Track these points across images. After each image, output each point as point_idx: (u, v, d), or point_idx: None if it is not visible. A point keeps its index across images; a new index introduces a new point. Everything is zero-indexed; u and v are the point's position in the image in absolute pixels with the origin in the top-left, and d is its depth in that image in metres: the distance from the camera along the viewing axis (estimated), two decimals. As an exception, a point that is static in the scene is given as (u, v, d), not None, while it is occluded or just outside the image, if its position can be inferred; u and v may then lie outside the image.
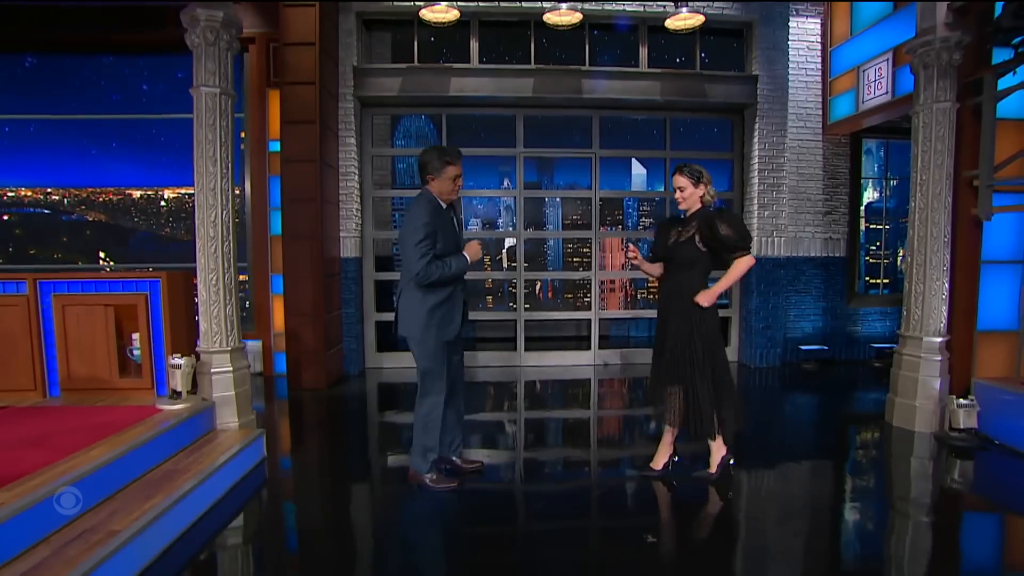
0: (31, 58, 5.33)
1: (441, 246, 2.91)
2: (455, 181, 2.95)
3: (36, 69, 5.35)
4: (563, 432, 4.46)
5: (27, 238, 5.52)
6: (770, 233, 5.99)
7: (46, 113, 5.37)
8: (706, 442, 3.21)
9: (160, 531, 2.45)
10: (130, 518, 2.36)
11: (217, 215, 3.53)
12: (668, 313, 3.07)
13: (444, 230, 2.94)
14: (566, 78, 5.79)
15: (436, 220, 2.90)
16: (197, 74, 3.44)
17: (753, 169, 6.00)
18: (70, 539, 2.17)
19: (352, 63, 5.61)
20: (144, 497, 2.56)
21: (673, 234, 3.05)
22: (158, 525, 2.44)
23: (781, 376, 5.84)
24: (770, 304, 6.00)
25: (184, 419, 3.25)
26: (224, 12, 3.41)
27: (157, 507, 2.48)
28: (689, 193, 2.98)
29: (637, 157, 7.55)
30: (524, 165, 6.31)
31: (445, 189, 2.94)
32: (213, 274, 3.54)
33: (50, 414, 3.16)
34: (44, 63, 5.39)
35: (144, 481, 2.74)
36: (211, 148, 3.49)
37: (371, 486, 3.44)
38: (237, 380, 3.63)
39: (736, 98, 5.93)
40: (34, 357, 3.45)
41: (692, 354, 2.98)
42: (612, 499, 3.17)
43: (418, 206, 2.90)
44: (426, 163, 2.96)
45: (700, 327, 2.97)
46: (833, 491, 3.38)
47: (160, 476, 2.82)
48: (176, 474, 2.86)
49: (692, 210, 3.01)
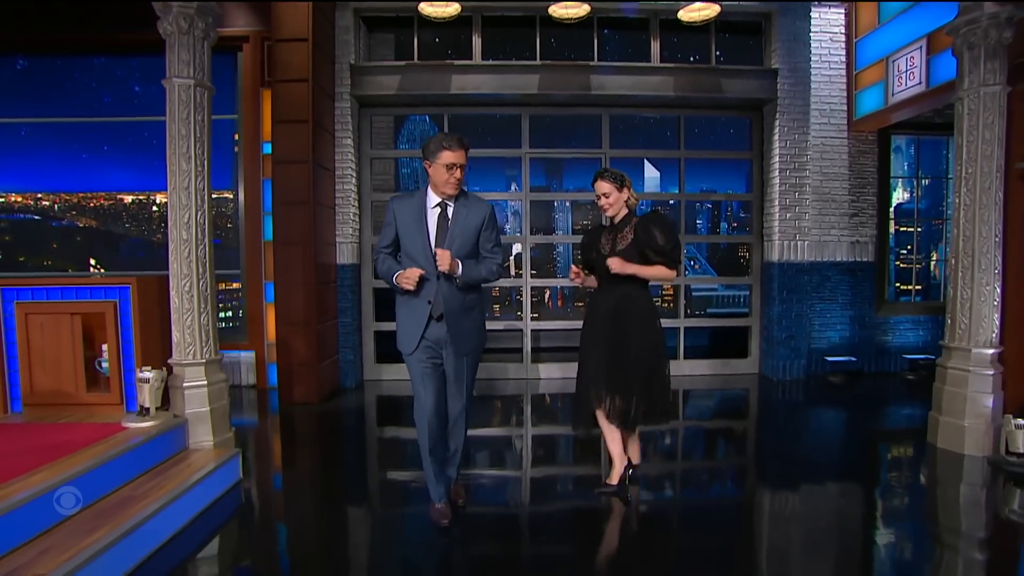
0: (22, 60, 5.18)
1: (406, 244, 2.61)
2: (450, 171, 2.52)
3: (27, 71, 5.20)
4: (573, 449, 4.08)
5: (17, 245, 5.33)
6: (792, 237, 5.57)
7: (37, 116, 5.20)
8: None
9: (99, 570, 2.14)
10: (61, 558, 2.05)
11: (191, 216, 3.26)
12: (624, 324, 2.88)
13: (410, 228, 2.58)
14: (573, 74, 5.47)
15: (401, 214, 2.61)
16: (170, 65, 3.19)
17: (773, 169, 5.60)
18: (-16, 585, 1.87)
19: (349, 61, 5.36)
20: (87, 531, 2.26)
21: (606, 242, 2.95)
22: (98, 563, 2.13)
23: (806, 389, 5.41)
24: (793, 312, 5.57)
25: (150, 438, 2.97)
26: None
27: (99, 543, 2.17)
28: (615, 198, 2.88)
29: (649, 158, 7.18)
30: (532, 167, 5.99)
31: (440, 179, 2.54)
32: (186, 280, 3.26)
33: (4, 432, 2.88)
34: (35, 65, 5.23)
35: (94, 511, 2.44)
36: (184, 144, 3.23)
37: (359, 510, 3.12)
38: (212, 395, 3.33)
39: (754, 93, 5.55)
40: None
41: (660, 360, 2.94)
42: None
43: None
44: (424, 148, 2.60)
45: (660, 335, 2.96)
46: (868, 519, 2.98)
47: (114, 504, 2.53)
48: (132, 501, 2.56)
49: (620, 216, 2.93)
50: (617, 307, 2.89)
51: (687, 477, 3.65)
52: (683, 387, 5.65)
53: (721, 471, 3.78)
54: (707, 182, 7.58)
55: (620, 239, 2.88)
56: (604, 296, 2.96)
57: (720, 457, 4.05)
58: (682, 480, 3.59)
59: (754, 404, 5.34)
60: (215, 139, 5.40)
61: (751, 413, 5.11)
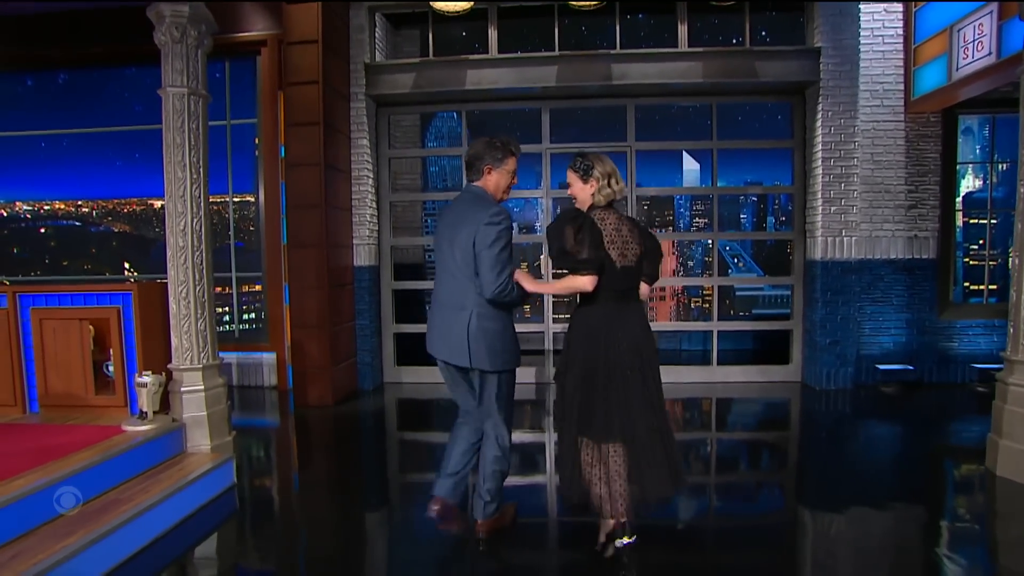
0: (64, 74, 5.58)
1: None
2: (512, 177, 2.58)
3: (68, 85, 5.62)
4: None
5: (61, 249, 5.77)
6: (837, 232, 5.15)
7: (77, 127, 5.60)
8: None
9: (72, 573, 2.24)
10: (32, 560, 2.16)
11: (187, 223, 3.38)
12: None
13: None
14: (593, 64, 5.29)
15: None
16: (165, 74, 3.32)
17: (816, 158, 5.19)
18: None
19: (364, 60, 5.41)
20: (65, 533, 2.38)
21: None
22: (71, 565, 2.23)
23: (854, 400, 5.00)
24: (839, 316, 5.16)
25: (146, 440, 3.11)
26: (190, 7, 3.25)
27: (71, 546, 2.28)
28: (578, 190, 2.48)
29: (679, 149, 6.85)
30: (556, 163, 5.85)
31: (504, 184, 2.57)
32: (183, 286, 3.39)
33: (11, 432, 3.10)
34: (75, 78, 5.64)
35: (79, 513, 2.56)
36: (180, 152, 3.34)
37: (359, 518, 3.14)
38: (210, 400, 3.45)
39: (795, 76, 5.17)
40: (14, 372, 3.44)
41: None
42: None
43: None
44: (477, 152, 2.57)
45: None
46: (921, 553, 2.69)
47: (98, 507, 2.65)
48: (116, 504, 2.68)
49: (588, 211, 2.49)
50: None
51: (721, 494, 3.46)
52: (716, 395, 5.40)
53: (757, 488, 3.57)
54: (752, 173, 7.19)
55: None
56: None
57: (755, 473, 3.84)
58: (716, 497, 3.41)
59: (794, 415, 5.00)
60: (237, 143, 5.69)
61: (791, 425, 4.79)
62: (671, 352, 7.39)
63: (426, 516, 2.56)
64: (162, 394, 3.35)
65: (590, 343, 2.37)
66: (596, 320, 2.39)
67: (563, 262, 2.38)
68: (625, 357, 2.34)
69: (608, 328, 2.36)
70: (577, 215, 2.42)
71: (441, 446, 3.97)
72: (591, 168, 2.44)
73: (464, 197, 2.56)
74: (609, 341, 2.35)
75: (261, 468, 3.91)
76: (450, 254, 2.48)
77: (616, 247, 2.39)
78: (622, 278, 2.41)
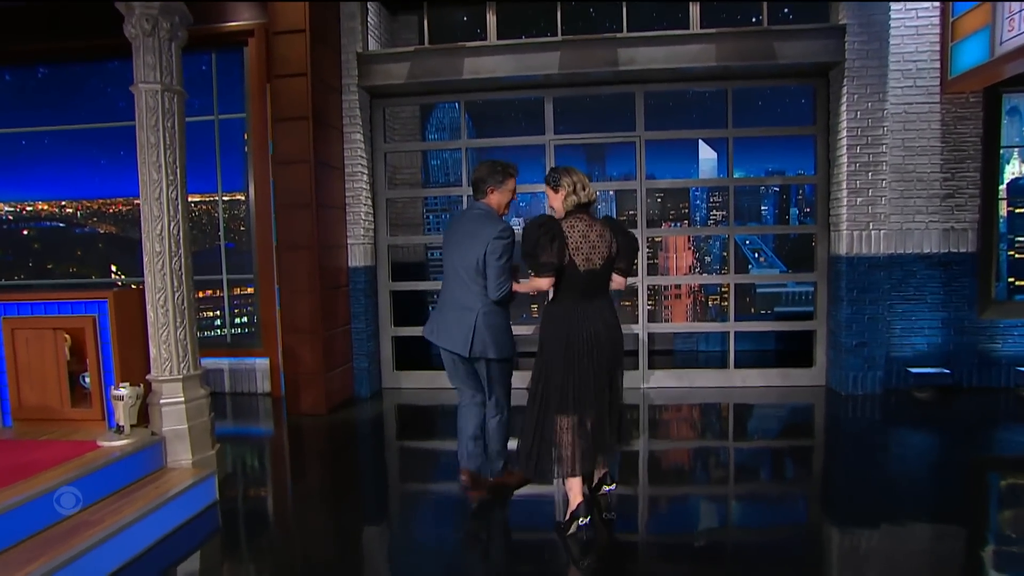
0: (43, 69, 5.58)
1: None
2: (512, 195, 3.18)
3: (48, 80, 5.62)
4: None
5: (45, 252, 5.80)
6: (864, 226, 4.97)
7: (59, 124, 5.61)
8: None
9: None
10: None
11: (163, 227, 3.35)
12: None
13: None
14: (599, 49, 5.16)
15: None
16: (136, 69, 3.27)
17: (841, 145, 5.01)
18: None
19: (356, 50, 5.34)
20: (24, 560, 2.35)
21: None
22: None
23: (884, 406, 4.84)
24: (866, 315, 4.98)
25: (123, 456, 3.09)
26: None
27: (33, 573, 2.24)
28: (552, 199, 2.94)
29: (695, 138, 6.69)
30: (568, 154, 5.75)
31: (505, 201, 3.15)
32: (161, 293, 3.35)
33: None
34: (56, 73, 5.64)
35: (42, 537, 2.54)
36: (154, 153, 3.31)
37: (350, 537, 3.08)
38: (191, 412, 3.42)
39: (817, 56, 4.98)
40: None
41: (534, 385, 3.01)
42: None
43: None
44: (480, 176, 3.13)
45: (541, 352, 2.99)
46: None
47: (68, 529, 2.62)
48: (87, 526, 2.65)
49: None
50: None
51: (740, 507, 3.36)
52: (734, 401, 5.27)
53: (778, 501, 3.46)
54: (773, 162, 7.00)
55: None
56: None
57: (776, 484, 3.73)
58: (735, 511, 3.32)
59: (819, 422, 4.87)
60: (226, 139, 5.66)
61: (815, 433, 4.67)
62: (687, 354, 7.25)
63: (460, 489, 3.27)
64: (141, 406, 3.33)
65: (555, 334, 2.85)
66: (559, 315, 2.87)
67: (528, 263, 2.85)
68: (583, 345, 2.80)
69: (568, 321, 2.82)
70: (545, 222, 2.81)
71: (444, 453, 3.93)
72: (559, 179, 2.87)
73: (472, 214, 3.14)
74: (570, 331, 2.81)
75: (248, 481, 3.88)
76: (461, 262, 3.04)
77: (581, 253, 2.80)
78: (586, 280, 2.83)
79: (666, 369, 5.88)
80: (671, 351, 7.29)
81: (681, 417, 5.08)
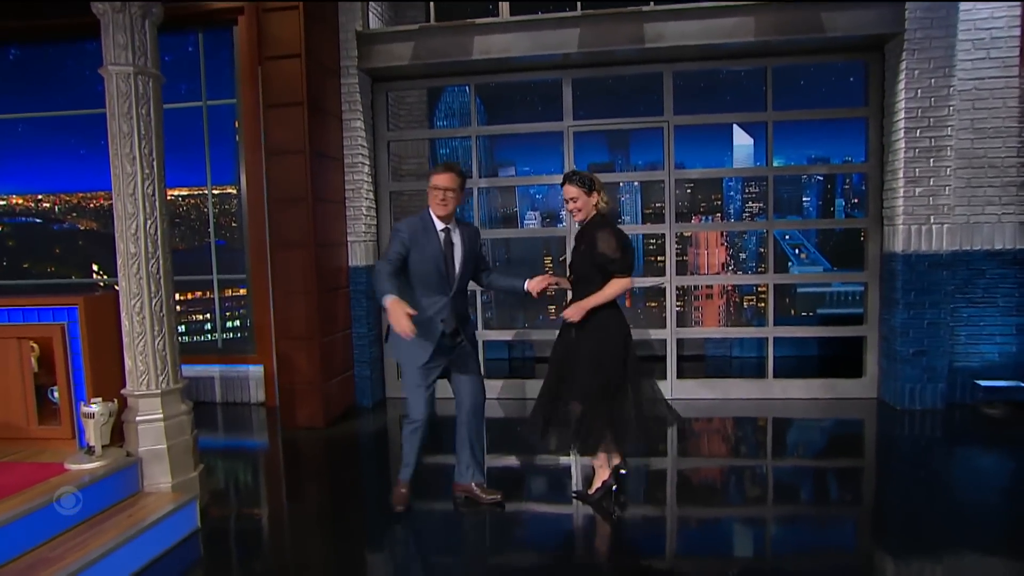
0: (15, 50, 5.42)
1: (417, 262, 3.12)
2: (432, 193, 3.13)
3: (20, 62, 5.44)
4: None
5: (20, 250, 5.66)
6: (924, 219, 4.65)
7: (32, 111, 5.46)
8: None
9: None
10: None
11: (139, 226, 3.16)
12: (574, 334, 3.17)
13: (422, 247, 3.11)
14: (623, 24, 4.89)
15: (412, 231, 3.12)
16: (106, 50, 3.10)
17: (898, 128, 4.69)
18: None
19: (355, 28, 5.13)
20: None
21: (575, 246, 3.30)
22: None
23: (946, 423, 4.54)
24: (925, 320, 4.67)
25: (93, 481, 2.93)
26: (132, -31, 3.00)
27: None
28: (583, 203, 3.12)
29: (729, 123, 6.39)
30: (588, 141, 5.51)
31: (429, 199, 3.17)
32: (137, 300, 3.17)
33: (-63, 473, 2.93)
34: (29, 54, 5.47)
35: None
36: (127, 143, 3.13)
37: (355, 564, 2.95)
38: (171, 430, 3.24)
39: (871, 28, 4.66)
40: (-55, 399, 3.28)
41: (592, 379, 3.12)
42: None
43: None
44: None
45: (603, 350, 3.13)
46: None
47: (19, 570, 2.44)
48: (44, 564, 2.47)
49: (588, 220, 3.17)
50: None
51: (780, 533, 3.20)
52: (773, 414, 5.00)
53: (824, 527, 3.26)
54: (816, 148, 6.65)
55: (579, 244, 3.19)
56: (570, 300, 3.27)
57: (822, 508, 3.52)
58: (775, 536, 3.16)
59: (870, 439, 4.61)
60: (215, 128, 5.49)
61: (865, 451, 4.42)
62: (719, 361, 6.97)
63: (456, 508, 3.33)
64: (115, 424, 3.17)
65: (621, 329, 3.15)
66: (618, 312, 3.18)
67: (624, 265, 3.04)
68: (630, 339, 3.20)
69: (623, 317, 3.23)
70: (611, 223, 3.19)
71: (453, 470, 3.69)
72: (595, 183, 3.13)
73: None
74: (626, 326, 3.21)
75: (237, 503, 3.70)
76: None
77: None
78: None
79: (697, 378, 5.62)
80: (701, 357, 7.03)
81: (714, 431, 4.84)
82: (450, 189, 3.10)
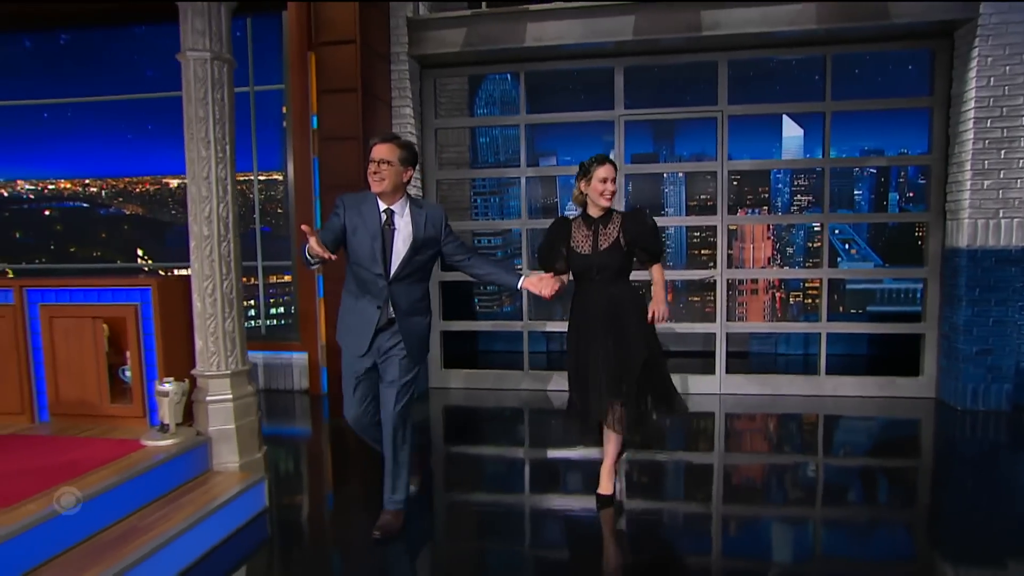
0: (65, 35, 5.63)
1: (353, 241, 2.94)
2: (369, 166, 2.90)
3: (71, 46, 5.65)
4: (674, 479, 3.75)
5: (67, 234, 5.90)
6: (992, 213, 4.69)
7: (81, 96, 5.67)
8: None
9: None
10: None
11: (212, 209, 3.31)
12: (622, 319, 3.11)
13: (355, 226, 2.94)
14: (679, 12, 4.98)
15: (350, 207, 2.97)
16: (184, 36, 3.24)
17: (967, 118, 4.73)
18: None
19: (406, 15, 5.28)
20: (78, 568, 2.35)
21: (584, 239, 3.16)
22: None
23: (1012, 426, 4.57)
24: (991, 318, 4.72)
25: (168, 458, 3.09)
26: (214, -46, 3.16)
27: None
28: (617, 187, 3.15)
29: (779, 114, 6.44)
30: (632, 131, 5.60)
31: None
32: (208, 281, 3.34)
33: (20, 446, 3.13)
34: (78, 39, 5.67)
35: (91, 544, 2.55)
36: (203, 128, 3.27)
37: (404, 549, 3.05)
38: (239, 411, 3.41)
39: (942, 14, 4.69)
40: (22, 377, 3.48)
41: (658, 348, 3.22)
42: None
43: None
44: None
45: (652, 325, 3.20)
46: None
47: (115, 537, 2.62)
48: (135, 534, 2.65)
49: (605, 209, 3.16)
50: (610, 304, 3.12)
51: (830, 536, 3.23)
52: (825, 412, 5.07)
53: (877, 531, 3.25)
54: (870, 140, 6.69)
55: (607, 234, 3.11)
56: (591, 296, 3.16)
57: (875, 510, 3.52)
58: (824, 540, 3.19)
59: (927, 441, 4.65)
60: (262, 114, 5.67)
61: (923, 453, 4.44)
62: (764, 357, 7.05)
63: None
64: (185, 404, 3.34)
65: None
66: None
67: (663, 247, 3.21)
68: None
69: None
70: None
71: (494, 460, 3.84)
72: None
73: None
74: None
75: (292, 488, 3.88)
76: None
77: None
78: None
79: (745, 374, 5.71)
80: (746, 353, 7.10)
81: (762, 428, 4.92)
82: (384, 161, 2.82)
